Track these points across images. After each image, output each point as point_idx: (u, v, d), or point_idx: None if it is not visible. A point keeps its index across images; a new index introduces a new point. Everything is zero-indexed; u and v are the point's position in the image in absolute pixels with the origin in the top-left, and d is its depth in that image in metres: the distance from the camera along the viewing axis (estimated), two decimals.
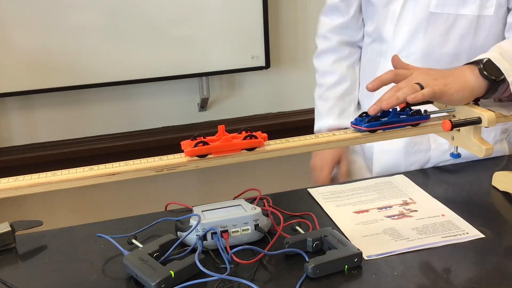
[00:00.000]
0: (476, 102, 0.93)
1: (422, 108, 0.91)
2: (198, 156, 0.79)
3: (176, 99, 2.10)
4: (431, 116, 0.92)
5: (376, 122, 0.85)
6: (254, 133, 0.82)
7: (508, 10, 1.13)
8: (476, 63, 0.94)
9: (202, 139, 0.80)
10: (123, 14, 1.89)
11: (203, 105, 2.10)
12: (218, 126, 0.81)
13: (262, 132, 0.83)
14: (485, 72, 0.92)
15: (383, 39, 1.21)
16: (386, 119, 0.86)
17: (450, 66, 1.13)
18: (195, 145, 0.79)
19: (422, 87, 0.86)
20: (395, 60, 0.95)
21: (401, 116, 0.87)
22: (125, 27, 1.91)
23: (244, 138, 0.81)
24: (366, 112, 0.88)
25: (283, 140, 0.84)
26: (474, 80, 0.92)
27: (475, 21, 1.12)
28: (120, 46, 1.92)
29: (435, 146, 1.22)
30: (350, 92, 1.35)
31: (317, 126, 1.37)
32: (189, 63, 2.01)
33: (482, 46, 1.14)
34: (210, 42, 2.00)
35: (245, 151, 0.81)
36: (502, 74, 0.92)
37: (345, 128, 1.00)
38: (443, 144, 1.21)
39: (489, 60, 0.93)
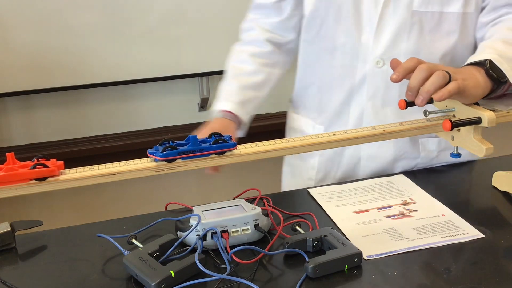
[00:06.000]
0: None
1: (422, 108, 0.90)
2: None
3: (176, 99, 2.10)
4: (430, 116, 0.92)
5: (172, 151, 0.78)
6: (46, 162, 0.75)
7: (481, 9, 1.13)
8: (479, 64, 0.94)
9: None
10: (123, 14, 1.89)
11: (203, 105, 2.10)
12: (7, 153, 0.74)
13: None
14: (491, 72, 0.92)
15: (360, 43, 1.13)
16: (185, 147, 0.79)
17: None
18: None
19: (450, 76, 0.85)
20: (396, 63, 0.92)
21: (203, 144, 0.80)
22: (125, 27, 1.91)
23: (34, 167, 0.74)
24: (167, 140, 0.80)
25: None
26: (483, 80, 0.92)
27: (461, 18, 1.11)
28: (120, 46, 1.92)
29: (424, 154, 1.20)
30: (260, 89, 1.23)
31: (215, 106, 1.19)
32: (189, 63, 2.01)
33: (469, 43, 1.14)
34: (210, 42, 2.00)
35: (34, 181, 0.74)
36: (505, 75, 0.92)
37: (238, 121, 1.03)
38: (432, 151, 1.20)
39: (491, 61, 0.93)
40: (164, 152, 0.78)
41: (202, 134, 1.02)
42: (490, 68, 0.93)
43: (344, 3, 1.11)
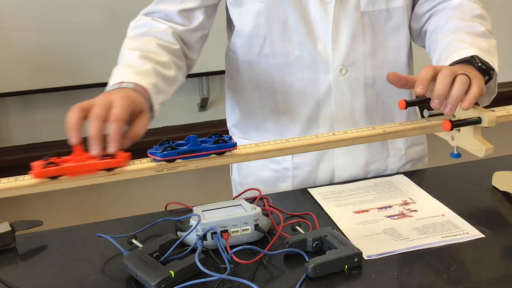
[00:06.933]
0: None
1: (422, 107, 0.91)
2: (49, 177, 0.73)
3: (176, 99, 2.09)
4: (430, 116, 0.92)
5: (172, 152, 0.78)
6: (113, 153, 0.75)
7: (414, 1, 1.15)
8: (467, 61, 0.94)
9: (54, 159, 0.74)
10: (123, 14, 1.89)
11: (203, 105, 2.10)
12: (75, 146, 0.75)
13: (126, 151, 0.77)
14: (483, 67, 0.93)
15: (316, 53, 1.09)
16: (185, 147, 0.79)
17: (396, 60, 1.14)
18: (45, 166, 0.73)
19: (469, 78, 0.85)
20: (395, 76, 0.88)
21: (202, 144, 0.79)
22: (125, 27, 1.90)
23: (102, 158, 0.75)
24: (166, 140, 0.80)
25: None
26: (479, 75, 0.92)
27: (406, 11, 1.12)
28: (120, 46, 1.92)
29: (393, 153, 1.20)
30: (170, 86, 1.03)
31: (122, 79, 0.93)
32: None
33: (415, 33, 1.16)
34: (210, 42, 1.99)
35: (103, 171, 0.75)
36: (492, 68, 0.93)
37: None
38: (400, 149, 1.20)
39: (477, 57, 0.94)
40: (164, 152, 0.77)
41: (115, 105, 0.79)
42: (482, 64, 0.93)
43: (289, 16, 1.07)
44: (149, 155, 0.79)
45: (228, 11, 1.16)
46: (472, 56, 0.94)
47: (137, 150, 0.79)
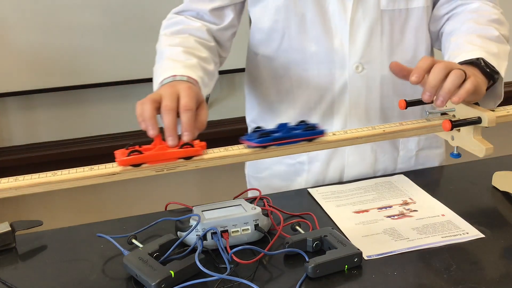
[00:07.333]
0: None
1: (422, 107, 0.90)
2: (132, 165, 0.77)
3: None
4: (430, 116, 0.92)
5: (267, 138, 0.81)
6: (191, 142, 0.79)
7: (434, 3, 1.15)
8: (472, 63, 0.94)
9: (137, 148, 0.77)
10: (123, 14, 1.89)
11: None
12: (155, 136, 0.78)
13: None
14: (487, 70, 0.93)
15: (332, 50, 1.10)
16: (278, 134, 0.82)
17: (414, 60, 1.13)
18: (129, 154, 0.76)
19: (465, 74, 0.85)
20: (398, 66, 0.90)
21: (294, 131, 0.83)
22: (125, 27, 1.91)
23: (181, 147, 0.78)
24: (259, 127, 0.84)
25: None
26: (482, 77, 0.92)
27: (425, 12, 1.12)
28: (120, 46, 1.92)
29: (403, 153, 1.20)
30: (211, 80, 1.06)
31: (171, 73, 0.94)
32: None
33: (433, 35, 1.16)
34: None
35: (182, 160, 0.79)
36: (496, 71, 0.93)
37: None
38: (411, 150, 1.20)
39: (483, 59, 0.94)
40: (259, 139, 0.80)
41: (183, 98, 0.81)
42: (485, 66, 0.93)
43: (308, 12, 1.08)
44: (241, 141, 0.82)
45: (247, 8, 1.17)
46: (477, 58, 0.94)
47: None
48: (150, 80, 2.08)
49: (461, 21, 1.09)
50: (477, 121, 0.87)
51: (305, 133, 0.83)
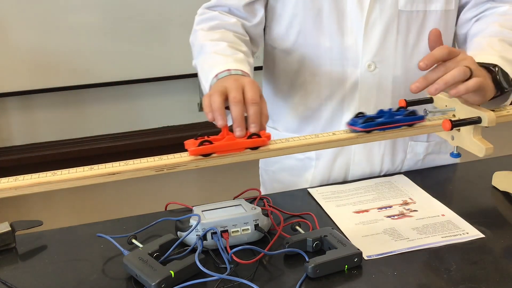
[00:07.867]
0: None
1: (422, 107, 0.91)
2: (202, 155, 0.79)
3: (176, 99, 2.10)
4: (430, 116, 0.92)
5: (372, 123, 0.85)
6: (258, 132, 0.81)
7: (461, 6, 1.15)
8: (487, 69, 0.93)
9: (206, 138, 0.80)
10: (123, 14, 1.89)
11: None
12: (223, 127, 0.81)
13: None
14: (499, 80, 0.92)
15: (345, 47, 1.10)
16: (381, 119, 0.86)
17: None
18: (200, 144, 0.79)
19: (471, 72, 0.85)
20: (436, 36, 0.89)
21: (396, 117, 0.87)
22: (125, 27, 1.91)
23: (249, 137, 0.80)
24: (361, 112, 0.87)
25: (283, 139, 0.84)
26: (491, 84, 0.92)
27: (443, 15, 1.11)
28: (120, 46, 1.92)
29: (410, 156, 1.20)
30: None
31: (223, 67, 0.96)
32: (189, 63, 2.00)
33: (449, 40, 1.16)
34: None
35: (248, 150, 0.81)
36: (506, 87, 0.93)
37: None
38: (419, 154, 1.20)
39: (500, 69, 0.93)
40: (364, 124, 0.84)
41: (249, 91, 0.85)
42: (498, 75, 0.93)
43: (324, 6, 1.08)
44: (348, 126, 0.86)
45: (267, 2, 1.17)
46: (494, 66, 0.94)
47: (137, 150, 0.80)
48: (150, 80, 2.07)
49: (487, 23, 1.09)
50: (477, 121, 0.87)
51: (406, 118, 0.87)
